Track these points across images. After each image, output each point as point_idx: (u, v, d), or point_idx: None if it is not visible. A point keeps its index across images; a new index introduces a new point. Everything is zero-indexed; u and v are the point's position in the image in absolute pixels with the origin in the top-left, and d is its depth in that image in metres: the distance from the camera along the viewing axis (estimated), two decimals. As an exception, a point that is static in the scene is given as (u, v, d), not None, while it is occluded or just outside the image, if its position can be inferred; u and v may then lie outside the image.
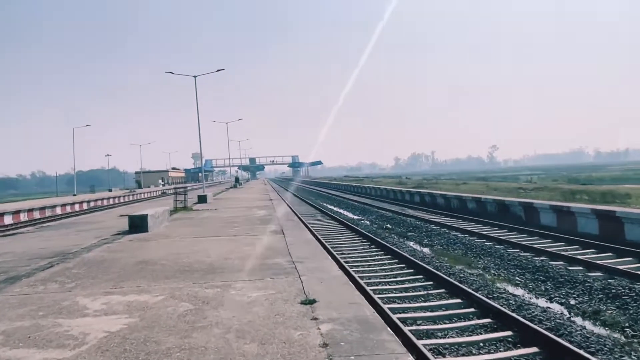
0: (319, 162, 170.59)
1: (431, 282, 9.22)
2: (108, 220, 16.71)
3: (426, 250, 14.21)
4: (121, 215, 17.94)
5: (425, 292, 8.61)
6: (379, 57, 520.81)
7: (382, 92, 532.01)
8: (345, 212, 27.09)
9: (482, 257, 12.35)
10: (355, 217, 24.79)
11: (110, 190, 66.97)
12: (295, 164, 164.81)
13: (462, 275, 9.96)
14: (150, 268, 7.10)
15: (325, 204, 33.37)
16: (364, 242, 14.74)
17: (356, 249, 13.55)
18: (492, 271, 10.96)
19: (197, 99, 28.10)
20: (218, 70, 29.30)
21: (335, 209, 29.88)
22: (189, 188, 61.84)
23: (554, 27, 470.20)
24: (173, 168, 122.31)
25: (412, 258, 11.40)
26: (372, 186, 42.38)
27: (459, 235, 15.49)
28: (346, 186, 56.19)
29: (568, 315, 7.51)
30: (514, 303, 7.85)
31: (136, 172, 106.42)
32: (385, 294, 8.63)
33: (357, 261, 11.71)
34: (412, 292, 8.80)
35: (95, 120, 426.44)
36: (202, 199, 24.47)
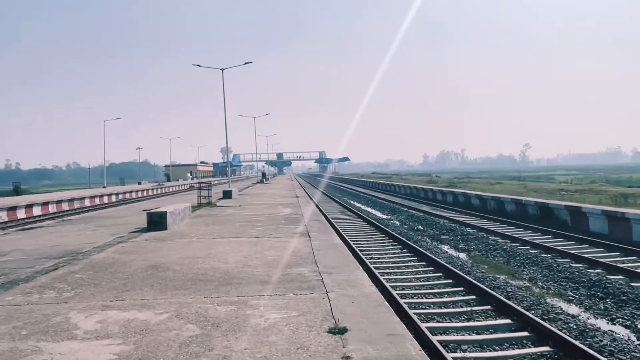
0: (346, 159, 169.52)
1: (474, 297, 8.20)
2: (130, 216, 16.24)
3: (463, 256, 13.13)
4: (144, 210, 17.42)
5: (469, 309, 7.60)
6: (407, 53, 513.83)
7: (410, 88, 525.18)
8: (374, 212, 26.09)
9: (527, 266, 11.21)
10: (385, 216, 23.78)
11: (139, 183, 67.70)
12: (322, 160, 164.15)
13: (509, 290, 8.88)
14: (160, 275, 6.36)
15: (353, 202, 32.42)
16: (395, 245, 13.77)
17: (387, 254, 12.59)
18: (540, 283, 9.84)
19: (225, 91, 27.54)
20: (246, 63, 28.67)
21: (363, 207, 28.91)
22: (215, 182, 61.87)
23: (588, 24, 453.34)
24: (202, 162, 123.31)
25: (449, 266, 10.39)
26: (402, 184, 41.12)
27: (499, 240, 14.32)
28: (374, 183, 55.02)
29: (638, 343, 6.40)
30: (574, 327, 6.76)
31: (165, 166, 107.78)
32: (423, 309, 7.67)
33: (389, 269, 10.75)
34: (453, 307, 7.81)
35: (129, 114, 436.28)
36: (227, 195, 23.92)
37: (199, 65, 28.29)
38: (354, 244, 12.69)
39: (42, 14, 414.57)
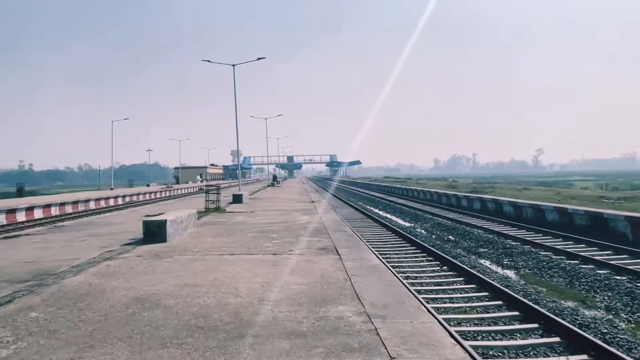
0: (358, 162, 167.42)
1: (558, 339, 6.29)
2: (129, 222, 14.53)
3: (511, 274, 11.21)
4: (147, 216, 15.78)
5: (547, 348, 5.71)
6: (420, 56, 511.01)
7: (422, 92, 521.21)
8: (395, 219, 24.16)
9: (599, 291, 9.25)
10: (408, 224, 21.87)
11: (148, 185, 66.36)
12: (333, 163, 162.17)
13: (585, 322, 6.97)
14: (145, 317, 4.56)
15: (371, 208, 30.52)
16: (432, 261, 11.87)
17: (430, 275, 10.71)
18: (623, 315, 7.91)
19: (235, 88, 25.87)
20: (259, 59, 26.96)
21: (383, 213, 26.99)
22: (225, 185, 60.18)
23: (601, 27, 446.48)
24: (212, 164, 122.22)
25: (501, 287, 8.54)
26: (420, 189, 39.08)
27: (552, 256, 12.34)
28: (389, 188, 53.00)
29: None
30: None
31: (175, 168, 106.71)
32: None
33: (444, 298, 8.89)
34: (533, 350, 5.92)
35: (141, 115, 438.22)
36: (237, 199, 22.17)
37: (208, 61, 26.68)
38: (393, 266, 10.78)
39: (55, 15, 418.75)
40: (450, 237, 17.36)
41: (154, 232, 9.56)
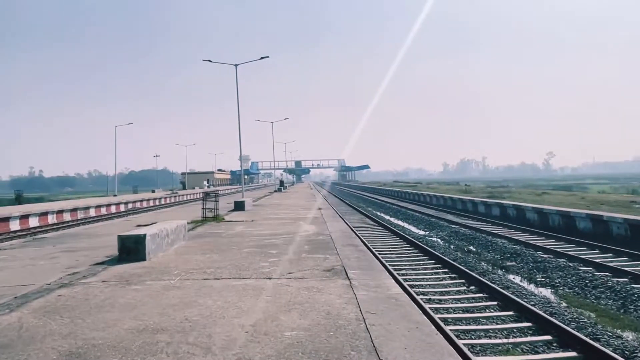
0: (366, 166, 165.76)
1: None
2: (116, 233, 13.07)
3: (549, 295, 9.65)
4: (138, 226, 14.41)
5: None
6: (427, 60, 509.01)
7: (430, 95, 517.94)
8: (409, 227, 22.58)
9: (663, 319, 7.65)
10: (423, 232, 20.31)
11: (153, 191, 65.29)
12: (341, 168, 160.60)
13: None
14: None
15: (382, 215, 28.97)
16: (455, 278, 10.31)
17: (445, 289, 9.16)
18: None
19: (237, 89, 24.52)
20: (262, 58, 25.59)
21: (394, 221, 25.42)
22: (232, 191, 58.73)
23: (612, 31, 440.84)
24: (219, 170, 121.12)
25: (545, 315, 6.99)
26: (432, 194, 37.39)
27: (595, 272, 10.72)
28: (400, 192, 51.35)
29: None
30: None
31: (182, 174, 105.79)
32: None
33: (471, 324, 7.34)
34: None
35: (150, 121, 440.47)
36: (239, 206, 20.75)
37: (210, 61, 25.35)
38: (416, 291, 9.21)
39: (69, 22, 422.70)
40: (471, 247, 15.78)
41: (131, 249, 8.13)
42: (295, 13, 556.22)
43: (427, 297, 8.87)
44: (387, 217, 27.38)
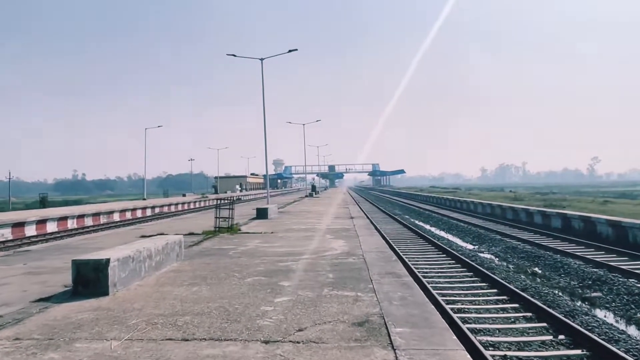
0: (401, 171, 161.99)
1: None
2: (109, 248, 11.07)
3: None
4: (142, 236, 12.43)
5: None
6: (467, 63, 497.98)
7: (469, 99, 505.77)
8: (453, 239, 19.80)
9: None
10: (470, 246, 17.57)
11: (184, 195, 64.52)
12: (375, 173, 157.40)
13: None
14: None
15: (421, 224, 26.21)
16: (533, 320, 7.60)
17: (524, 338, 6.50)
18: None
19: (263, 85, 22.43)
20: (290, 51, 23.37)
21: (436, 231, 22.64)
22: (259, 196, 56.85)
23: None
24: (252, 174, 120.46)
25: None
26: (477, 201, 34.18)
27: None
28: (438, 199, 48.14)
29: None
30: None
31: (215, 177, 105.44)
32: None
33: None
34: None
35: (189, 124, 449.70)
36: (261, 214, 18.53)
37: (234, 55, 23.39)
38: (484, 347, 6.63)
39: (107, 30, 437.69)
40: (536, 269, 12.95)
41: (89, 280, 5.93)
42: (329, 14, 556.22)
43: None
44: (427, 227, 24.60)
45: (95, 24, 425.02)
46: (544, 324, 7.46)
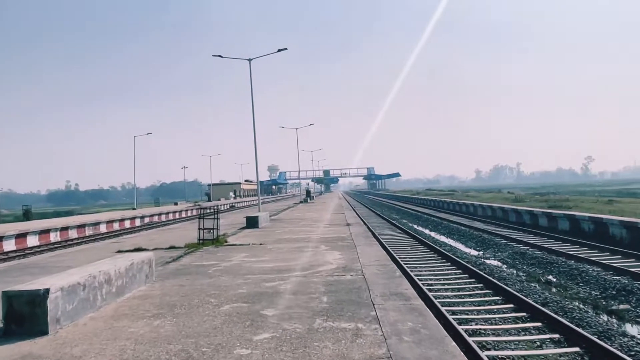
0: (397, 174, 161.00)
1: None
2: (77, 267, 9.87)
3: None
4: (119, 251, 11.27)
5: None
6: (457, 65, 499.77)
7: (461, 100, 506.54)
8: (455, 244, 18.73)
9: None
10: (475, 252, 16.51)
11: (175, 204, 63.16)
12: (371, 176, 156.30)
13: None
14: None
15: (421, 229, 25.12)
16: (562, 345, 6.48)
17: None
18: None
19: (252, 86, 21.37)
20: (279, 50, 22.32)
21: (437, 237, 21.54)
22: (253, 202, 55.48)
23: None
24: (246, 180, 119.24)
25: None
26: (476, 203, 33.14)
27: None
28: (436, 202, 47.13)
29: None
30: None
31: (208, 185, 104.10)
32: None
33: None
34: None
35: (176, 133, 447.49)
36: (251, 223, 17.35)
37: (220, 56, 22.25)
38: None
39: (105, 38, 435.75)
40: (550, 277, 11.87)
41: (23, 316, 4.77)
42: (322, 20, 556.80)
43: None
44: (428, 232, 23.52)
45: (89, 32, 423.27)
46: (576, 349, 6.35)
